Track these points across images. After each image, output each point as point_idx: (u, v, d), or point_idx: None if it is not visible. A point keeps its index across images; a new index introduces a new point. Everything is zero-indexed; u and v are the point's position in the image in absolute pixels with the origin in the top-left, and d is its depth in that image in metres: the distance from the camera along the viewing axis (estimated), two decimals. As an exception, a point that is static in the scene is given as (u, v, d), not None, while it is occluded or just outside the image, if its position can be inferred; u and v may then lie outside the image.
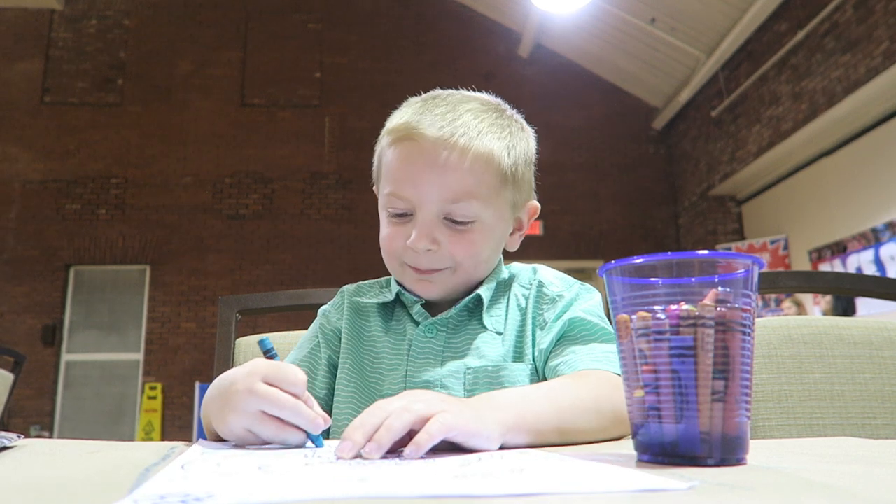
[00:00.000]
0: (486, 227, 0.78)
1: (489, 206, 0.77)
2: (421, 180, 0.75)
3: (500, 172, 0.78)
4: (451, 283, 0.79)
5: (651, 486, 0.30)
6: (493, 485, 0.31)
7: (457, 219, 0.76)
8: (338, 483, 0.32)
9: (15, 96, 7.27)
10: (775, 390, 0.89)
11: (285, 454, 0.47)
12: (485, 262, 0.80)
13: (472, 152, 0.75)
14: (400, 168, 0.77)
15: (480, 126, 0.77)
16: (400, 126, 0.78)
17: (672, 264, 0.44)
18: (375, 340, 0.84)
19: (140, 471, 0.37)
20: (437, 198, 0.75)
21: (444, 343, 0.80)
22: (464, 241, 0.77)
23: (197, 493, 0.29)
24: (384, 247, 0.81)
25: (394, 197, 0.77)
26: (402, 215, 0.78)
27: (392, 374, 0.80)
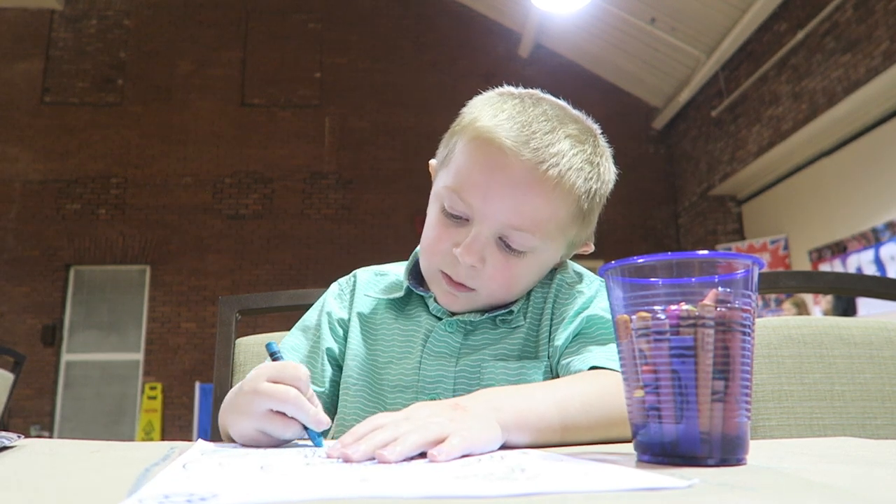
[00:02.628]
0: (535, 262, 0.74)
1: (550, 241, 0.73)
2: (493, 194, 0.69)
3: (574, 213, 0.73)
4: (477, 303, 0.75)
5: (651, 485, 0.30)
6: (493, 485, 0.31)
7: (512, 245, 0.71)
8: (339, 483, 0.32)
9: (15, 96, 7.27)
10: (775, 390, 0.89)
11: (286, 454, 0.47)
12: (520, 292, 0.76)
13: (556, 186, 0.70)
14: (474, 171, 0.71)
15: (574, 161, 0.71)
16: (489, 129, 0.70)
17: (672, 264, 0.44)
18: (385, 328, 0.81)
19: (140, 471, 0.37)
20: (503, 219, 0.70)
21: (462, 340, 0.77)
22: (507, 271, 0.72)
23: (201, 493, 0.29)
24: (427, 245, 0.75)
25: (456, 197, 0.71)
26: (456, 217, 0.72)
27: (403, 362, 0.77)
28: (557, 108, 0.75)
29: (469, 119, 0.74)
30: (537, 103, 0.74)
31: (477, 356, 0.75)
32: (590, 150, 0.74)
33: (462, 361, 0.75)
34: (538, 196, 0.69)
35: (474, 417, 0.50)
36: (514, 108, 0.72)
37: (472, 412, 0.51)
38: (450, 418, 0.48)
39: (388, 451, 0.42)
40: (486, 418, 0.51)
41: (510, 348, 0.76)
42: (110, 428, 6.67)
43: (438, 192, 0.74)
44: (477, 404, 0.53)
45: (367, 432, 0.46)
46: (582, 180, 0.72)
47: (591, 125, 0.79)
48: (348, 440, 0.45)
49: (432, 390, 0.75)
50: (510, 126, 0.70)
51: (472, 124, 0.73)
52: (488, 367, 0.74)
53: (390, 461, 0.41)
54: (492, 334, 0.77)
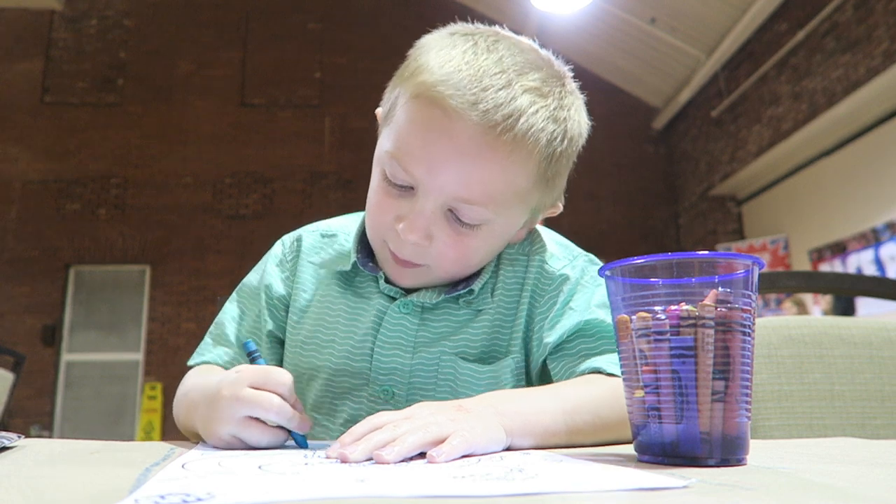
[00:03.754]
0: (491, 233, 0.65)
1: (506, 211, 0.64)
2: (437, 164, 0.60)
3: (535, 176, 0.64)
4: (429, 278, 0.68)
5: (648, 485, 0.30)
6: (491, 485, 0.31)
7: (462, 219, 0.62)
8: (337, 483, 0.32)
9: (15, 96, 7.27)
10: (775, 390, 0.89)
11: (286, 454, 0.47)
12: (475, 266, 0.69)
13: (511, 151, 0.60)
14: (416, 137, 0.61)
15: (534, 120, 0.60)
16: (432, 85, 0.60)
17: (672, 264, 0.44)
18: (330, 303, 0.73)
19: (140, 471, 0.37)
20: (451, 191, 0.61)
21: (419, 325, 0.70)
22: (459, 246, 0.64)
23: (197, 493, 0.29)
24: (370, 214, 0.68)
25: (397, 165, 0.62)
26: (400, 186, 0.63)
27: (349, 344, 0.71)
28: (517, 54, 0.63)
29: (413, 68, 0.64)
30: (492, 48, 0.63)
31: (436, 349, 0.69)
32: (554, 104, 0.63)
33: (419, 354, 0.69)
34: (490, 165, 0.60)
35: (477, 418, 0.49)
36: (463, 56, 0.61)
37: (474, 413, 0.50)
38: (451, 419, 0.47)
39: (386, 452, 0.41)
40: (488, 420, 0.50)
41: (473, 341, 0.69)
42: (110, 428, 6.67)
43: (380, 155, 0.65)
44: (480, 407, 0.52)
45: (365, 432, 0.45)
46: (544, 142, 0.61)
47: (558, 69, 0.66)
48: (347, 440, 0.45)
49: (385, 382, 0.70)
50: (458, 80, 0.59)
51: (414, 76, 0.63)
52: (447, 363, 0.69)
53: (388, 462, 0.41)
54: (452, 319, 0.70)
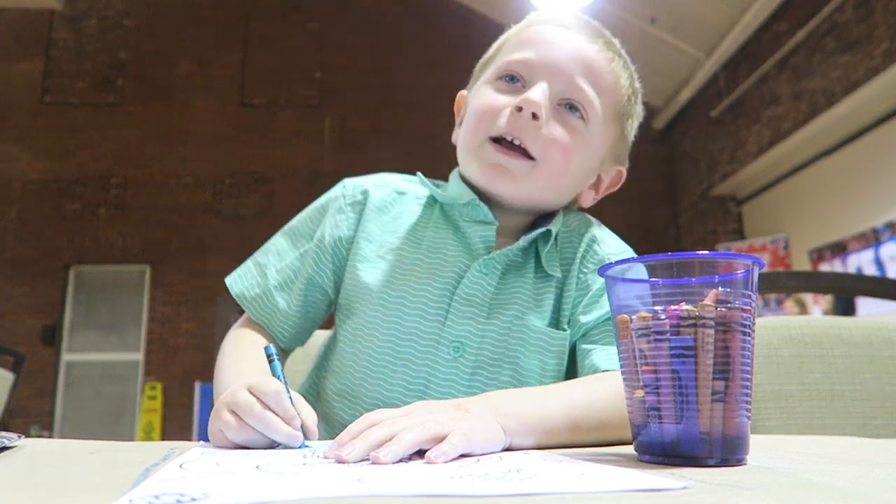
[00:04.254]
0: (589, 140, 0.70)
1: (602, 122, 0.70)
2: (561, 50, 0.68)
3: (620, 107, 0.72)
4: (526, 183, 0.68)
5: (647, 486, 0.30)
6: (489, 485, 0.31)
7: (576, 104, 0.68)
8: (333, 482, 0.32)
9: (15, 96, 7.27)
10: (775, 390, 0.89)
11: (285, 454, 0.47)
12: (569, 176, 0.70)
13: (614, 64, 0.71)
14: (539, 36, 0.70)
15: (624, 62, 0.74)
16: (548, 15, 0.73)
17: (672, 264, 0.44)
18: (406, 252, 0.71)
19: (140, 471, 0.38)
20: (570, 74, 0.68)
21: (496, 287, 0.69)
22: (566, 134, 0.67)
23: (192, 493, 0.28)
24: (477, 112, 0.69)
25: (518, 60, 0.69)
26: (513, 80, 0.69)
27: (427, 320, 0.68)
28: None
29: (517, 26, 0.75)
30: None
31: (508, 314, 0.69)
32: (629, 65, 0.76)
33: (493, 319, 0.69)
34: (597, 62, 0.69)
35: (477, 417, 0.49)
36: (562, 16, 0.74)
37: (474, 413, 0.50)
38: (451, 417, 0.47)
39: (383, 453, 0.41)
40: (488, 420, 0.49)
41: (545, 306, 0.70)
42: (110, 428, 6.67)
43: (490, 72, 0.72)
44: (480, 406, 0.51)
45: (362, 430, 0.44)
46: (626, 83, 0.73)
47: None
48: (344, 439, 0.44)
49: (455, 341, 0.68)
50: (566, 18, 0.72)
51: (524, 21, 0.75)
52: (518, 328, 0.69)
53: (385, 463, 0.40)
54: (528, 287, 0.70)
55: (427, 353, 0.69)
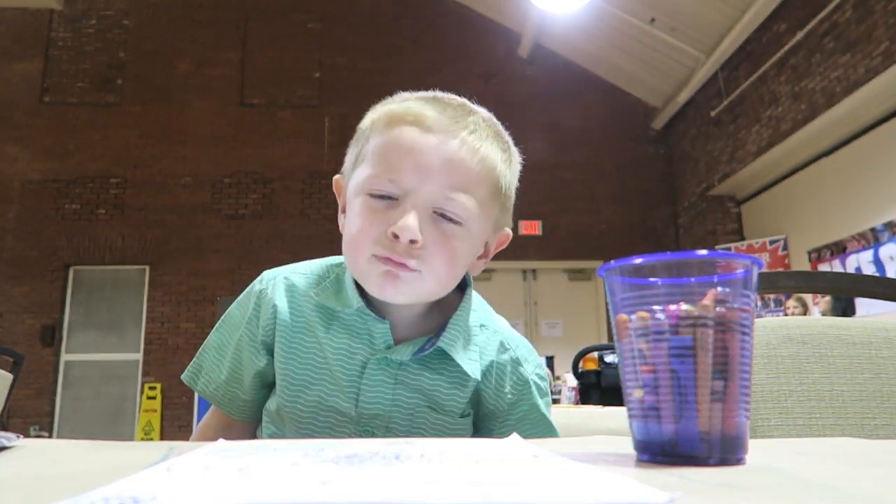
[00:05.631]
0: (469, 238, 0.71)
1: (480, 213, 0.71)
2: (423, 163, 0.68)
3: (496, 184, 0.73)
4: (419, 289, 0.71)
5: (628, 500, 0.29)
6: (461, 493, 0.30)
7: (449, 215, 0.69)
8: (295, 485, 0.31)
9: (14, 96, 7.27)
10: (774, 390, 0.89)
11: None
12: (457, 276, 0.74)
13: (481, 154, 0.70)
14: (400, 147, 0.69)
15: (488, 132, 0.73)
16: (405, 110, 0.71)
17: (671, 264, 0.44)
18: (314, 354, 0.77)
19: (139, 471, 0.37)
20: (439, 185, 0.68)
21: (397, 374, 0.75)
22: (448, 246, 0.69)
23: (141, 496, 0.28)
24: (354, 237, 0.70)
25: (384, 178, 0.68)
26: (384, 198, 0.69)
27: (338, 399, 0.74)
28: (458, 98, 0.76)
29: (376, 115, 0.74)
30: (437, 96, 0.75)
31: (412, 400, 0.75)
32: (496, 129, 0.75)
33: (398, 398, 0.74)
34: (467, 163, 0.69)
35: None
36: (416, 99, 0.73)
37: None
38: None
39: None
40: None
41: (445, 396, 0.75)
42: (109, 428, 6.67)
43: (359, 185, 0.71)
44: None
45: None
46: (498, 152, 0.73)
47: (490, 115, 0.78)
48: None
49: (368, 423, 0.74)
50: (424, 108, 0.70)
51: (382, 117, 0.72)
52: (421, 414, 0.75)
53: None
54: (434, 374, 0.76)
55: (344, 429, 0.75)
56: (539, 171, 7.50)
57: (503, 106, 0.84)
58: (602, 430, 1.52)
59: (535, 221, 7.36)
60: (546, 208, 7.37)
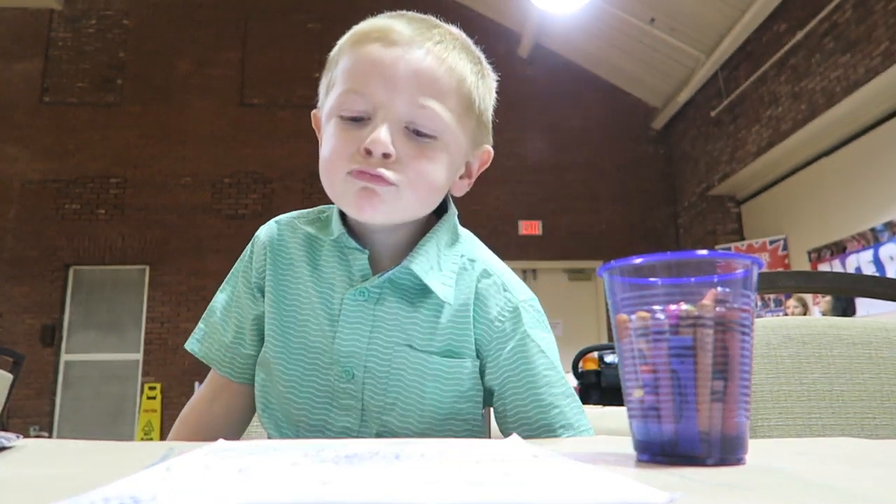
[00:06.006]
0: (445, 151, 0.69)
1: (454, 125, 0.69)
2: (390, 76, 0.66)
3: (468, 100, 0.71)
4: (396, 205, 0.68)
5: (628, 500, 0.29)
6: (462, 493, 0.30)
7: (421, 129, 0.67)
8: (295, 485, 0.31)
9: (14, 96, 7.27)
10: (774, 390, 0.89)
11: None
12: (435, 190, 0.71)
13: (448, 64, 0.68)
14: (366, 64, 0.67)
15: (455, 44, 0.71)
16: (369, 27, 0.69)
17: (671, 264, 0.44)
18: (300, 292, 0.76)
19: (138, 471, 0.37)
20: (408, 96, 0.66)
21: (374, 311, 0.73)
22: (422, 159, 0.67)
23: (141, 496, 0.28)
24: (328, 158, 0.69)
25: (353, 94, 0.67)
26: (356, 120, 0.68)
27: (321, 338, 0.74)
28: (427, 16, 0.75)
29: (343, 40, 0.72)
30: (403, 13, 0.73)
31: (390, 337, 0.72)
32: (467, 45, 0.74)
33: (375, 341, 0.73)
34: (435, 73, 0.67)
35: None
36: (385, 17, 0.72)
37: None
38: None
39: None
40: None
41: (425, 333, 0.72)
42: (109, 428, 6.67)
43: (332, 104, 0.70)
44: None
45: None
46: (469, 70, 0.71)
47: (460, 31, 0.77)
48: None
49: (346, 363, 0.73)
50: (388, 23, 0.69)
51: (348, 38, 0.71)
52: (400, 353, 0.72)
53: None
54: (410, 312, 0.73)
55: (328, 373, 0.74)
56: (539, 171, 7.51)
57: (503, 106, 0.83)
58: (602, 430, 1.52)
59: (535, 221, 7.36)
60: (546, 208, 7.37)
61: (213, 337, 0.83)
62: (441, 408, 0.73)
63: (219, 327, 0.83)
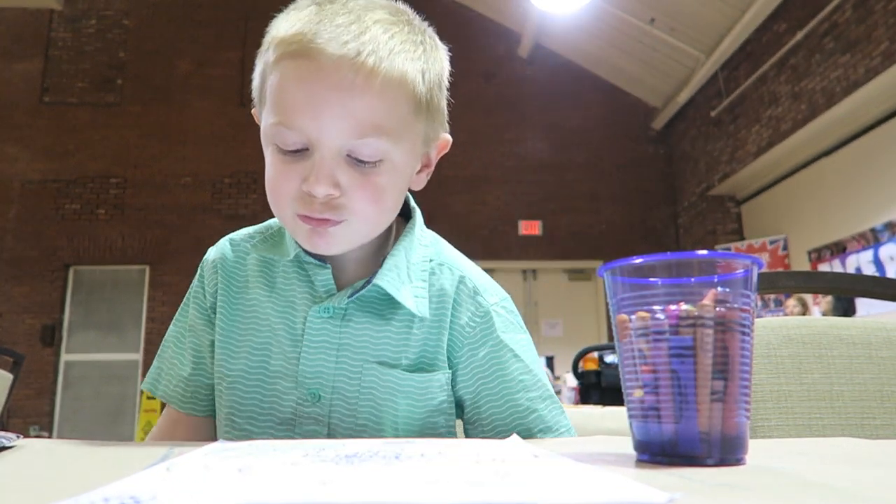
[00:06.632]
0: (394, 169, 0.65)
1: (399, 141, 0.64)
2: (320, 110, 0.61)
3: (413, 100, 0.65)
4: (351, 236, 0.67)
5: (628, 500, 0.29)
6: (461, 493, 0.30)
7: (362, 158, 0.63)
8: (294, 485, 0.31)
9: (14, 96, 7.27)
10: (774, 390, 0.89)
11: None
12: (390, 209, 0.68)
13: (382, 75, 0.61)
14: (292, 93, 0.62)
15: (391, 43, 0.63)
16: (291, 37, 0.62)
17: (671, 264, 0.44)
18: (257, 314, 0.73)
19: (138, 471, 0.37)
20: (340, 132, 0.61)
21: (341, 328, 0.70)
22: (368, 186, 0.63)
23: (141, 496, 0.28)
24: (271, 190, 0.66)
25: (284, 129, 0.62)
26: (294, 152, 0.63)
27: (283, 362, 0.70)
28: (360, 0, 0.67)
29: (268, 41, 0.66)
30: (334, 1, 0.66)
31: (359, 356, 0.70)
32: (406, 29, 0.66)
33: (342, 361, 0.70)
34: (367, 91, 0.61)
35: None
36: (310, 13, 0.64)
37: None
38: None
39: None
40: None
41: (399, 349, 0.70)
42: (109, 428, 6.67)
43: (266, 133, 0.65)
44: None
45: None
46: (408, 62, 0.64)
47: (402, 8, 0.69)
48: None
49: (312, 385, 0.70)
50: (314, 29, 0.61)
51: (272, 45, 0.65)
52: (370, 371, 0.69)
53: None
54: (381, 323, 0.70)
55: (290, 398, 0.70)
56: (539, 171, 7.51)
57: (503, 106, 0.82)
58: (602, 430, 1.52)
59: (535, 221, 7.36)
60: (546, 208, 7.37)
61: (171, 373, 0.78)
62: (414, 424, 0.70)
63: (175, 362, 0.78)
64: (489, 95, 7.42)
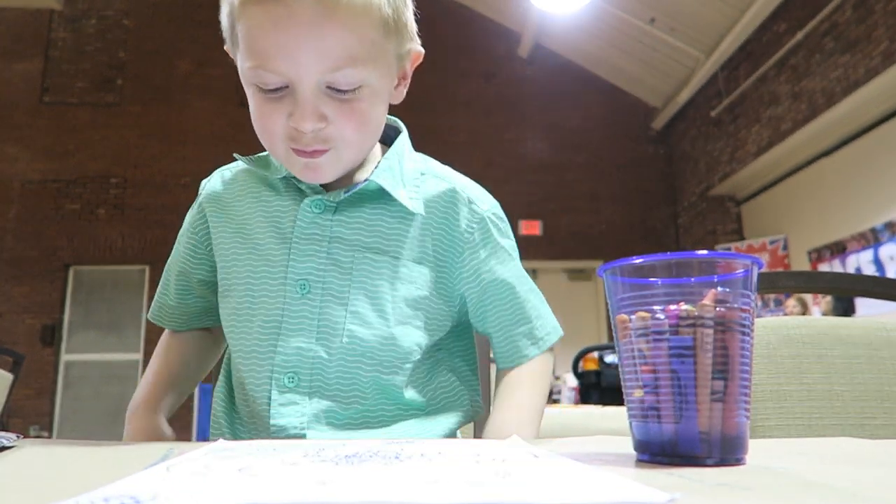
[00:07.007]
0: (373, 92, 0.68)
1: (374, 65, 0.67)
2: (294, 51, 0.63)
3: (381, 23, 0.66)
4: (340, 162, 0.70)
5: (628, 500, 0.29)
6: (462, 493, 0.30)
7: (341, 87, 0.65)
8: (293, 485, 0.31)
9: (14, 96, 7.27)
10: (774, 390, 0.89)
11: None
12: (374, 131, 0.72)
13: (346, 6, 0.63)
14: (266, 36, 0.64)
15: None
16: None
17: (671, 264, 0.44)
18: (247, 221, 0.77)
19: (138, 471, 0.37)
20: (316, 69, 0.64)
21: (332, 220, 0.73)
22: (353, 113, 0.67)
23: (141, 496, 0.28)
24: (260, 130, 0.70)
25: (263, 72, 0.65)
26: (276, 90, 0.66)
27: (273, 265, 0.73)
28: None
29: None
30: None
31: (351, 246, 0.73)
32: None
33: (334, 252, 0.73)
34: (337, 27, 0.63)
35: None
36: None
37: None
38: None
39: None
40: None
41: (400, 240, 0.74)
42: (109, 428, 6.67)
43: (245, 75, 0.68)
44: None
45: None
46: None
47: None
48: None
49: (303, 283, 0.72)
50: None
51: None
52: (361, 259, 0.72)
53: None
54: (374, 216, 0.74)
55: (278, 295, 0.73)
56: (539, 171, 7.51)
57: (503, 106, 0.83)
58: (602, 430, 1.52)
59: (535, 221, 7.36)
60: (546, 208, 7.37)
61: (161, 301, 0.87)
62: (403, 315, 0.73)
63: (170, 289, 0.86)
64: (489, 95, 7.42)
